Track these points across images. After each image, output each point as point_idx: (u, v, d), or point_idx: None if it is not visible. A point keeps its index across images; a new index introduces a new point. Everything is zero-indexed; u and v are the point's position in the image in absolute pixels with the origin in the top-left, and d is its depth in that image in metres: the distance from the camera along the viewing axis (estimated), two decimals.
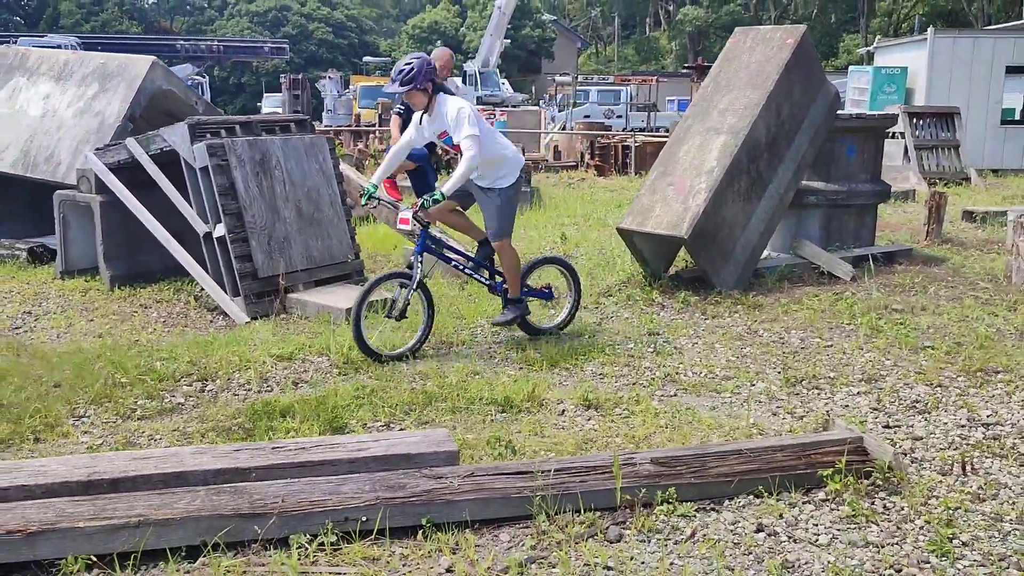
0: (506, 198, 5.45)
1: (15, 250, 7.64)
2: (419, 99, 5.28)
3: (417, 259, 5.31)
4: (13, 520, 2.91)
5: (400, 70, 5.22)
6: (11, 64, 8.30)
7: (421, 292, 5.34)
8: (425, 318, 5.40)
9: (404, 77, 5.18)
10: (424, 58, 5.30)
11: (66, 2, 55.64)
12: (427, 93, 5.26)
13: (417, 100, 5.30)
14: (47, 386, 4.65)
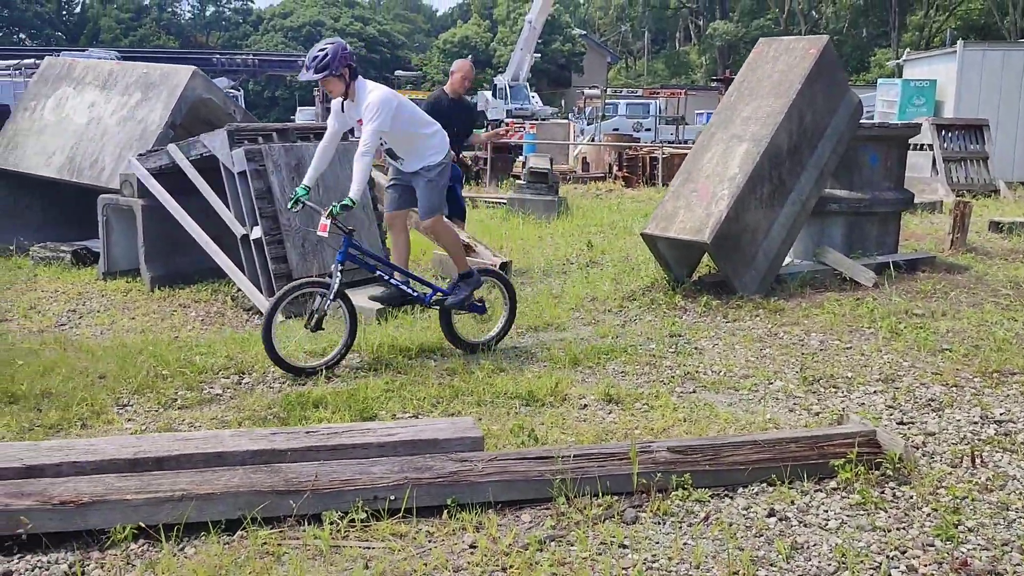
0: (434, 175, 5.35)
1: (60, 252, 7.93)
2: (336, 86, 5.11)
3: (336, 268, 5.11)
4: (66, 492, 3.12)
5: (314, 56, 5.05)
6: (59, 74, 8.63)
7: (342, 303, 5.15)
8: (347, 331, 5.17)
9: (318, 64, 5.01)
10: (339, 43, 5.13)
11: (106, 17, 56.91)
12: (344, 79, 5.09)
13: (334, 87, 5.13)
14: (92, 377, 4.88)
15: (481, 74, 53.12)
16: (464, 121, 8.20)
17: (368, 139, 5.00)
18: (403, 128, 5.25)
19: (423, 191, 5.38)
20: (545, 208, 11.84)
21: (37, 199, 8.61)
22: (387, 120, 5.06)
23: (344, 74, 5.07)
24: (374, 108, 5.00)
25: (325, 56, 5.02)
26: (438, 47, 56.73)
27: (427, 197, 5.37)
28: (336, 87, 5.12)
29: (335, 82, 5.08)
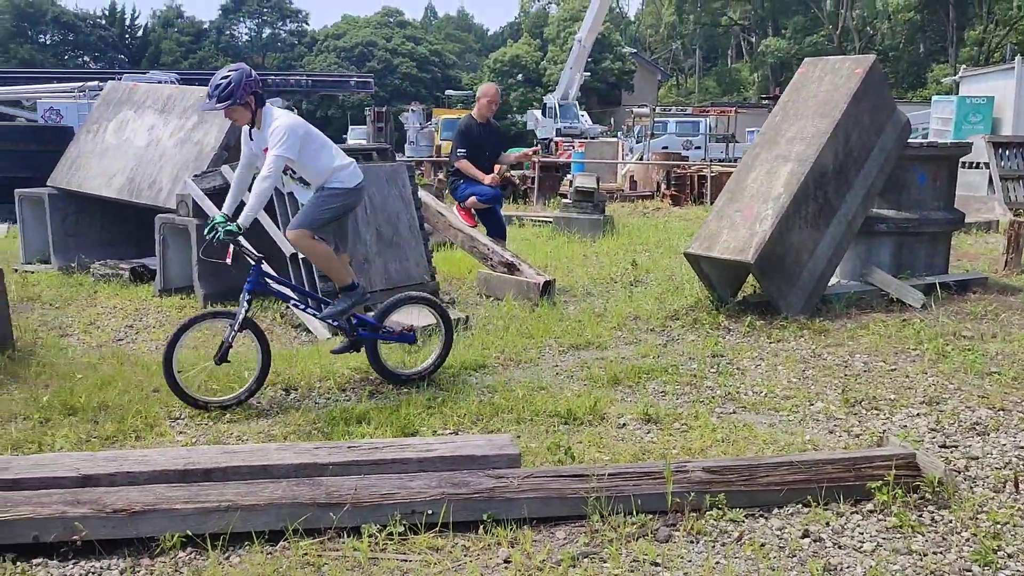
0: (326, 195, 5.09)
1: (119, 270, 8.21)
2: (241, 115, 4.89)
3: (244, 297, 4.87)
4: (119, 501, 3.26)
5: (216, 85, 4.78)
6: (120, 98, 8.96)
7: (252, 333, 4.92)
8: (259, 363, 4.92)
9: (221, 93, 4.76)
10: (243, 70, 4.86)
11: (167, 40, 58.56)
12: (249, 108, 4.86)
13: (239, 116, 4.91)
14: (147, 391, 5.06)
15: (531, 93, 53.57)
16: (494, 144, 8.44)
17: (271, 164, 4.77)
18: (311, 158, 5.04)
19: (306, 203, 5.15)
20: (591, 227, 11.89)
21: (98, 218, 8.92)
22: (293, 147, 4.84)
23: (250, 102, 4.85)
24: (279, 134, 4.79)
25: (228, 84, 4.76)
26: (488, 66, 57.23)
27: (305, 210, 5.12)
28: (242, 116, 4.91)
29: (240, 111, 4.87)
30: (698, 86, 64.78)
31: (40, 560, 3.15)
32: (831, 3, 55.58)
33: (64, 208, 8.75)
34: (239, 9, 64.43)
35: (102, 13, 61.79)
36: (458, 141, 8.20)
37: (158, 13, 64.37)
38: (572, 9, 54.99)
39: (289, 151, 4.82)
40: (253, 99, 4.85)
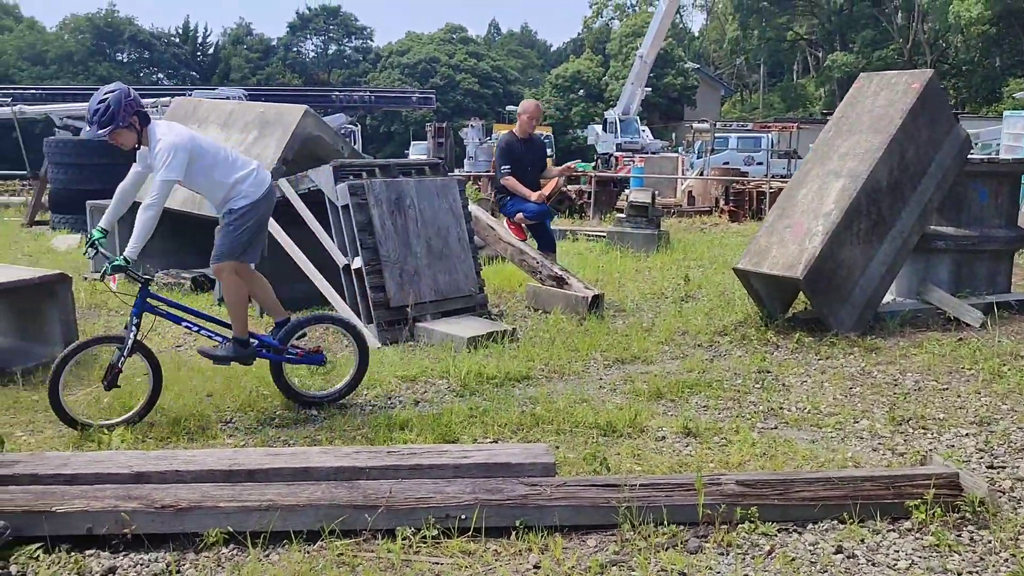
0: (235, 217, 4.83)
1: (181, 279, 8.49)
2: (127, 138, 4.60)
3: (132, 320, 4.69)
4: (167, 497, 3.40)
5: (95, 110, 4.49)
6: (185, 114, 9.29)
7: (142, 357, 4.75)
8: (150, 387, 4.76)
9: (101, 118, 4.48)
10: (121, 90, 4.55)
11: (236, 58, 60.15)
12: (134, 128, 4.57)
13: (125, 139, 4.61)
14: (201, 395, 5.24)
15: (592, 108, 53.65)
16: (537, 159, 8.58)
17: (156, 191, 4.52)
18: (203, 176, 4.78)
19: (218, 235, 4.92)
20: (645, 242, 11.88)
21: (162, 229, 9.19)
22: (179, 168, 4.57)
23: (134, 122, 4.56)
24: (163, 156, 4.51)
25: (107, 108, 4.48)
26: (550, 82, 57.49)
27: (220, 242, 4.88)
28: (127, 139, 4.61)
29: (125, 134, 4.57)
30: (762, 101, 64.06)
31: (93, 551, 3.30)
32: (902, 16, 54.54)
33: (130, 219, 9.05)
34: (306, 26, 65.89)
35: (176, 31, 63.83)
36: (501, 159, 8.34)
37: (228, 31, 66.29)
38: (635, 25, 54.98)
39: (175, 173, 4.56)
40: (137, 119, 4.57)
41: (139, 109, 4.60)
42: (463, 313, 7.10)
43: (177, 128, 4.75)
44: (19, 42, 56.91)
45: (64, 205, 13.61)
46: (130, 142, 4.64)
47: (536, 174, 8.43)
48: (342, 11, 66.55)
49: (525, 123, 8.36)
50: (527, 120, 8.36)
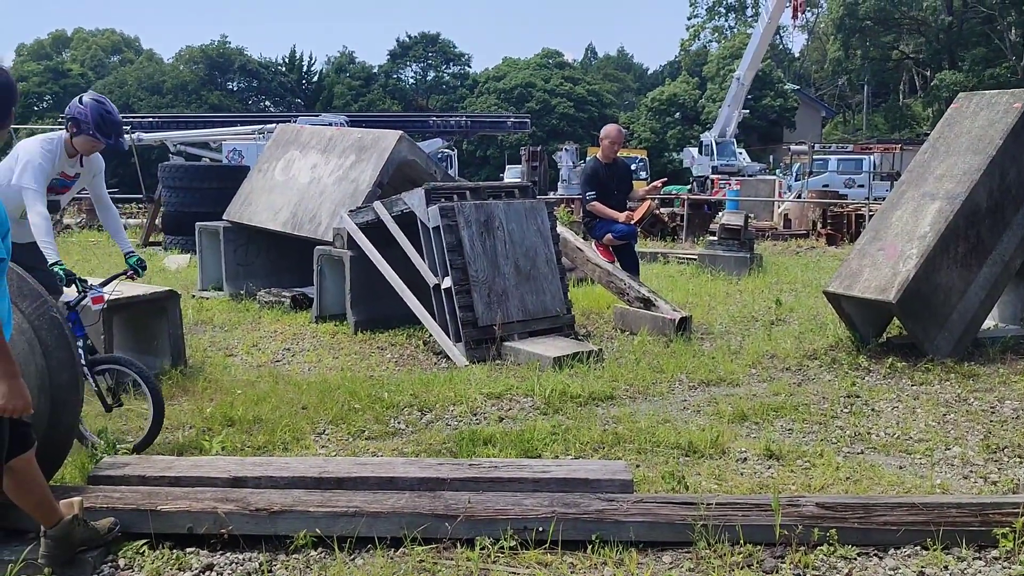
0: None
1: (281, 297, 8.87)
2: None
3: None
4: (262, 501, 3.60)
5: (115, 122, 5.08)
6: (288, 139, 9.73)
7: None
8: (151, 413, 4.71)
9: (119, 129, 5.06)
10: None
11: (339, 85, 62.07)
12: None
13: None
14: (296, 407, 5.48)
15: (688, 131, 53.22)
16: (622, 183, 8.65)
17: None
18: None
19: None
20: (736, 264, 11.77)
21: (265, 250, 9.68)
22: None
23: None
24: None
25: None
26: (646, 105, 57.30)
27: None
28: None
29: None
30: (866, 123, 62.32)
31: (192, 549, 3.52)
32: (1015, 33, 52.40)
33: (236, 240, 9.55)
34: (406, 54, 67.52)
35: (282, 61, 66.29)
36: (586, 184, 8.47)
37: (332, 59, 68.45)
38: (732, 47, 54.40)
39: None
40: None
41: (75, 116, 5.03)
42: (550, 333, 7.20)
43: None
44: (139, 73, 60.15)
45: (175, 227, 14.35)
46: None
47: (622, 197, 8.52)
48: (441, 38, 67.97)
49: (607, 148, 8.47)
50: (608, 146, 8.47)
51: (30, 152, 4.99)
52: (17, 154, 5.07)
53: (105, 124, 5.04)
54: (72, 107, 5.07)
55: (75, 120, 5.04)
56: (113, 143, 5.13)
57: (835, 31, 57.88)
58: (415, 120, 38.33)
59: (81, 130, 5.03)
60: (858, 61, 59.59)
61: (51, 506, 3.27)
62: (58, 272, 4.70)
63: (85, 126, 5.02)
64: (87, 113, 5.02)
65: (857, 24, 55.51)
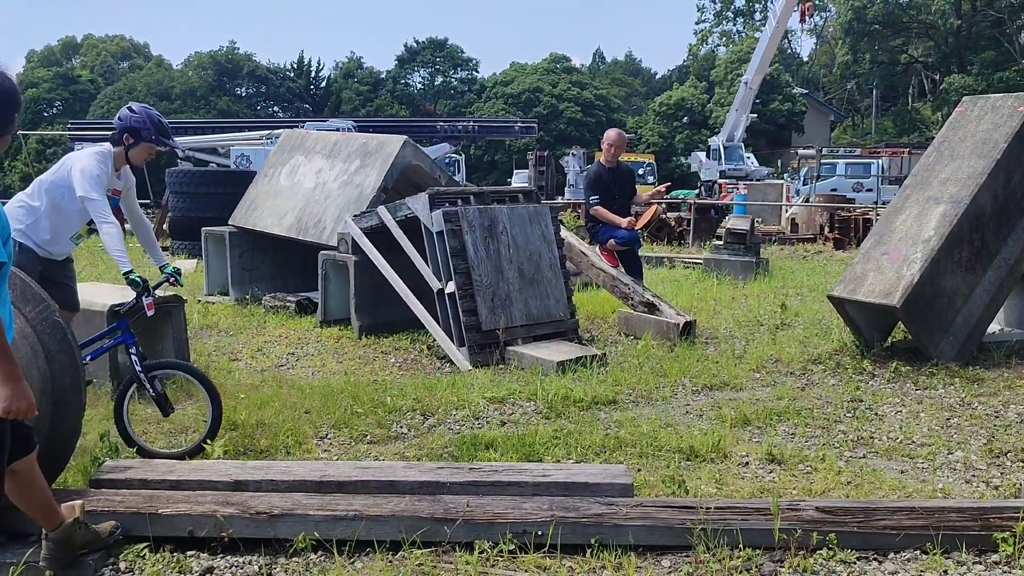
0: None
1: (286, 302, 8.90)
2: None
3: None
4: (262, 505, 3.62)
5: (166, 124, 5.17)
6: (294, 145, 9.77)
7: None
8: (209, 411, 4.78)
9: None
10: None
11: (347, 90, 62.29)
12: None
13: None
14: (299, 411, 5.50)
15: (696, 135, 53.13)
16: (625, 187, 8.65)
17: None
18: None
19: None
20: (742, 269, 11.75)
21: (270, 254, 9.72)
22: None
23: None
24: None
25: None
26: (654, 109, 57.23)
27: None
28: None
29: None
30: (875, 126, 62.14)
31: (193, 552, 3.54)
32: None
33: (241, 245, 9.59)
34: (414, 59, 67.65)
35: (291, 66, 66.53)
36: (590, 189, 8.48)
37: (340, 65, 68.64)
38: (740, 51, 54.30)
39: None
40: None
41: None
42: (554, 338, 7.21)
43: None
44: (148, 79, 60.47)
45: (183, 232, 14.41)
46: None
47: (625, 202, 8.53)
48: (448, 43, 68.09)
49: (608, 152, 8.49)
50: (607, 148, 8.50)
51: (85, 164, 4.93)
52: (68, 166, 5.00)
53: (163, 127, 5.12)
54: (125, 118, 5.05)
55: (133, 130, 5.02)
56: (173, 144, 5.21)
57: (843, 35, 57.85)
58: (423, 125, 38.38)
59: (142, 138, 5.03)
60: (867, 65, 59.51)
61: (52, 509, 3.29)
62: (135, 280, 4.72)
63: (147, 133, 5.03)
64: (144, 120, 5.03)
65: (866, 28, 55.45)
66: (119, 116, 5.11)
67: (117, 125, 5.08)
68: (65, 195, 4.96)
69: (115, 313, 4.76)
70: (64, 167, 5.04)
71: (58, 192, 4.98)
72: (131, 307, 4.82)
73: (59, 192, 4.98)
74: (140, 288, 4.75)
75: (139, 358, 4.70)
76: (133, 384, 4.75)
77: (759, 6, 66.46)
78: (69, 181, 4.93)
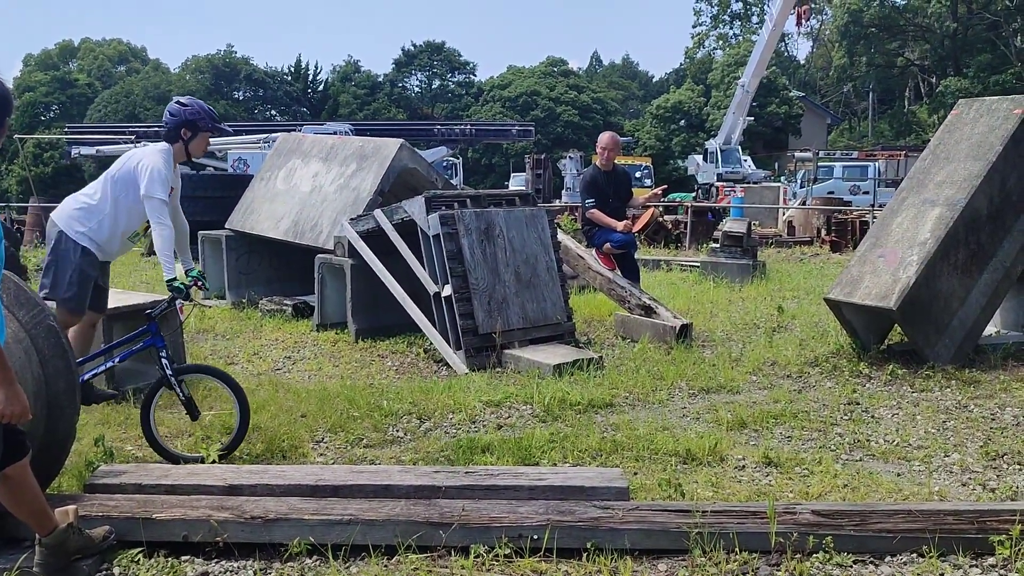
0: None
1: (283, 306, 8.89)
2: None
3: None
4: (256, 509, 3.61)
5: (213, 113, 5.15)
6: (291, 148, 9.77)
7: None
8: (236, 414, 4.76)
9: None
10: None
11: (344, 94, 62.32)
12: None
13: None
14: (295, 415, 5.49)
15: (693, 138, 53.21)
16: (620, 190, 8.68)
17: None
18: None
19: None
20: (739, 272, 11.76)
21: (266, 258, 9.71)
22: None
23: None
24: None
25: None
26: (651, 112, 57.33)
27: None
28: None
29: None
30: (871, 129, 62.26)
31: (187, 557, 3.52)
32: (1021, 39, 52.35)
33: (238, 248, 9.58)
34: (411, 63, 67.72)
35: (288, 70, 66.57)
36: (585, 192, 8.50)
37: (338, 68, 68.69)
38: (737, 54, 54.41)
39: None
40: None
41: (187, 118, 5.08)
42: (551, 341, 7.20)
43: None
44: (145, 82, 60.50)
45: None
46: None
47: (621, 204, 8.54)
48: (446, 47, 68.19)
49: (603, 156, 8.52)
50: (600, 151, 8.53)
51: (154, 161, 4.91)
52: (133, 163, 4.98)
53: (214, 113, 5.14)
54: (178, 112, 5.02)
55: (190, 123, 5.01)
56: (225, 129, 5.33)
57: (840, 38, 57.93)
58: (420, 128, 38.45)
59: (200, 128, 5.04)
60: (863, 68, 59.64)
61: (46, 514, 3.27)
62: (179, 287, 4.71)
63: (203, 123, 5.05)
64: (197, 110, 5.04)
65: (862, 31, 55.54)
66: (170, 111, 5.07)
67: (171, 121, 5.05)
68: (129, 192, 4.95)
69: (147, 316, 4.73)
70: (129, 163, 5.02)
71: (122, 189, 4.97)
72: (162, 310, 4.80)
73: (123, 189, 4.97)
74: (182, 295, 4.74)
75: (169, 361, 4.67)
76: (161, 388, 4.71)
77: (756, 10, 66.64)
78: (134, 177, 4.92)
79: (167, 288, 4.77)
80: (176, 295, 4.74)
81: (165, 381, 4.69)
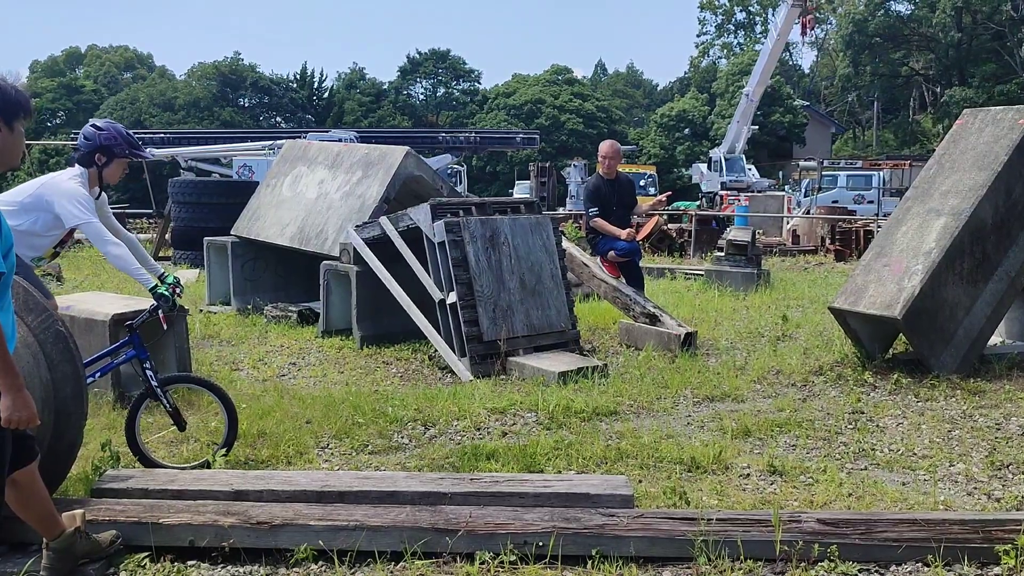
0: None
1: (288, 312, 8.91)
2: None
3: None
4: (263, 514, 3.62)
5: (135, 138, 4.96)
6: (296, 155, 9.80)
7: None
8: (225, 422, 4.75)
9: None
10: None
11: (349, 101, 62.45)
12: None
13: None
14: (300, 421, 5.50)
15: (697, 147, 53.25)
16: (624, 198, 8.68)
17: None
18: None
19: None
20: (743, 280, 11.76)
21: (272, 264, 9.74)
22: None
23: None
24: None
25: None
26: (655, 121, 57.37)
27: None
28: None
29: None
30: (876, 138, 62.24)
31: (193, 562, 3.54)
32: None
33: (243, 255, 9.61)
34: (416, 70, 67.81)
35: (294, 77, 66.71)
36: (588, 201, 8.52)
37: (343, 76, 68.82)
38: (741, 63, 54.46)
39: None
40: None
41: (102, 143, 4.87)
42: (555, 348, 7.21)
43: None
44: (151, 90, 60.66)
45: (185, 242, 14.43)
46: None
47: (624, 213, 8.54)
48: (451, 55, 68.27)
49: (604, 165, 8.55)
50: (601, 160, 8.57)
51: (66, 187, 4.70)
52: (46, 194, 4.71)
53: (132, 139, 4.93)
54: (93, 137, 4.80)
55: (105, 148, 4.80)
56: (145, 156, 5.11)
57: (844, 47, 57.98)
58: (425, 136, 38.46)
59: (115, 154, 4.84)
60: (868, 77, 59.64)
61: (53, 518, 3.29)
62: (163, 294, 4.63)
63: (119, 148, 4.85)
64: (113, 135, 4.83)
65: (867, 40, 55.59)
66: (84, 135, 4.84)
67: (84, 145, 4.82)
68: (38, 220, 4.73)
69: (128, 327, 4.69)
70: (42, 192, 4.74)
71: (30, 216, 4.72)
72: (143, 320, 4.71)
73: (31, 216, 4.73)
74: (168, 305, 4.65)
75: (154, 372, 4.63)
76: (146, 399, 4.66)
77: (760, 19, 66.76)
78: (44, 206, 4.69)
79: (152, 296, 4.68)
80: (160, 303, 4.65)
81: (150, 392, 4.61)
